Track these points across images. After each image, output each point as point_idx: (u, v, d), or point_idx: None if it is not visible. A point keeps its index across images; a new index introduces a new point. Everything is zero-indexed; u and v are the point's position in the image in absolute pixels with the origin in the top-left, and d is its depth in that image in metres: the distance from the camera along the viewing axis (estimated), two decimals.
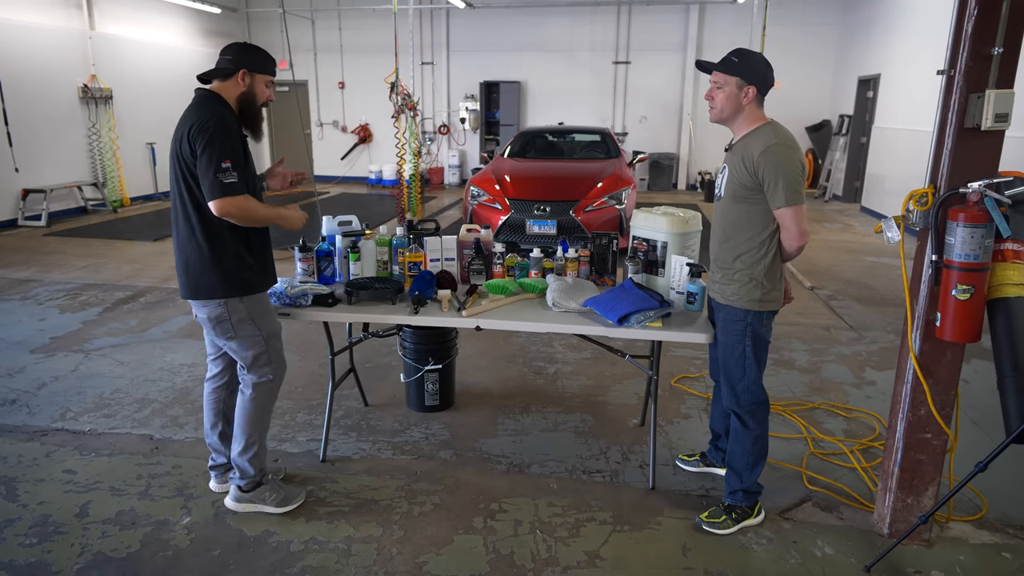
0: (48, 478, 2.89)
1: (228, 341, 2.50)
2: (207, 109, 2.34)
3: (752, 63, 2.34)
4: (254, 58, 2.46)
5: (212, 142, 2.26)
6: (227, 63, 2.42)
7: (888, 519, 2.54)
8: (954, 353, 2.35)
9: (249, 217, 2.38)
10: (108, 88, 9.74)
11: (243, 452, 2.59)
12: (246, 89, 2.45)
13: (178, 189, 2.37)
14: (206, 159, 2.26)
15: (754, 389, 2.52)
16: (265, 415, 2.63)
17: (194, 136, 2.27)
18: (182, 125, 2.33)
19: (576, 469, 3.01)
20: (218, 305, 2.43)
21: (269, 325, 2.56)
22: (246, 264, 2.46)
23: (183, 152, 2.31)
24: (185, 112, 2.38)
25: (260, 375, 2.56)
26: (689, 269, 2.80)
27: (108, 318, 5.01)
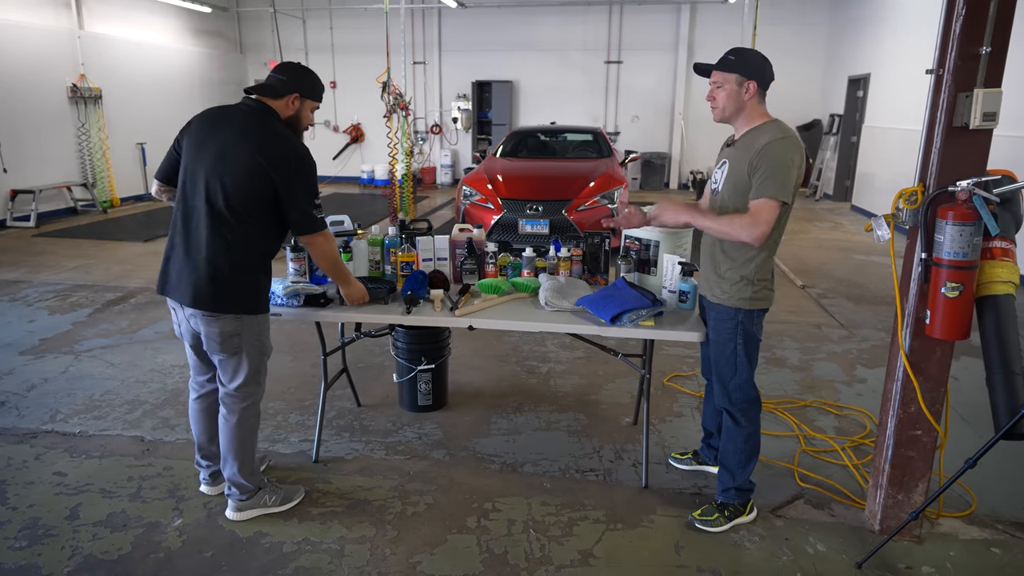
0: (38, 480, 2.87)
1: (231, 356, 2.43)
2: (281, 133, 2.34)
3: (749, 59, 2.35)
4: (308, 84, 2.45)
5: (310, 174, 2.33)
6: (280, 83, 2.39)
7: (879, 515, 2.56)
8: (943, 350, 2.37)
9: (329, 256, 2.50)
10: (97, 88, 9.68)
11: (241, 471, 2.56)
12: (293, 113, 2.43)
13: (216, 199, 2.29)
14: (302, 191, 2.32)
15: (746, 387, 2.53)
16: (254, 434, 2.60)
17: (287, 169, 2.28)
18: (268, 144, 2.28)
19: (569, 468, 3.01)
20: (235, 320, 2.39)
21: (269, 344, 2.56)
22: (266, 282, 2.48)
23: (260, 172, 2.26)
24: (252, 122, 2.32)
25: (246, 396, 2.50)
26: (681, 268, 2.81)
27: (98, 319, 4.97)
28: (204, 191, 2.31)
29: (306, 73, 2.47)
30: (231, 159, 2.28)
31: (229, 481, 2.58)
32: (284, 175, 2.29)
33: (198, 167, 2.33)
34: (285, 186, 2.30)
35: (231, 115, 2.37)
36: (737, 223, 2.32)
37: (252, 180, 2.28)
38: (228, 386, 2.50)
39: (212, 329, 2.39)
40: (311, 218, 2.39)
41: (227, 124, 2.34)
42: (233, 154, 2.28)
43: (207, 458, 2.74)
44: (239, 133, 2.30)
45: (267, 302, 2.50)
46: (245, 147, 2.27)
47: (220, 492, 2.74)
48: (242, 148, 2.28)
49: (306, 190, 2.35)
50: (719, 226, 2.39)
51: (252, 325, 2.43)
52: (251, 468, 2.59)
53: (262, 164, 2.26)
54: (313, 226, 2.41)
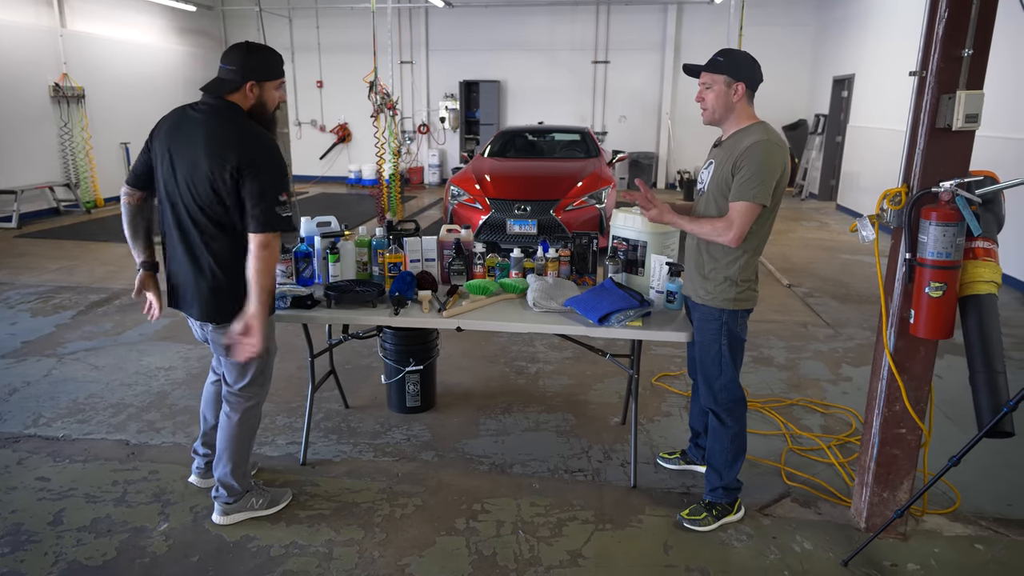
0: (20, 486, 2.83)
1: (237, 359, 2.39)
2: (250, 131, 2.22)
3: (738, 60, 2.36)
4: (260, 64, 2.30)
5: (273, 171, 2.20)
6: (231, 74, 2.27)
7: (865, 513, 2.58)
8: (927, 349, 2.39)
9: (268, 268, 2.23)
10: (80, 87, 9.56)
11: (233, 473, 2.53)
12: (256, 101, 2.31)
13: (197, 213, 2.23)
14: (264, 187, 2.18)
15: (731, 387, 2.54)
16: (253, 436, 2.59)
17: (251, 166, 2.16)
18: (220, 145, 2.18)
19: (558, 469, 3.01)
20: None
21: (274, 344, 2.53)
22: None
23: (224, 176, 2.17)
24: (209, 126, 2.22)
25: (250, 396, 2.49)
26: (669, 268, 2.82)
27: (82, 321, 4.92)
28: (184, 206, 2.26)
29: (255, 54, 2.29)
30: (200, 171, 2.20)
31: (219, 482, 2.55)
32: (248, 172, 2.17)
33: (172, 183, 2.27)
34: (249, 181, 2.18)
35: (194, 121, 2.26)
36: (715, 226, 2.35)
37: (223, 187, 2.20)
38: (233, 386, 2.48)
39: (220, 337, 2.36)
40: (274, 215, 2.20)
41: (190, 132, 2.24)
42: (200, 165, 2.20)
43: (207, 445, 2.72)
44: (202, 141, 2.21)
45: (272, 305, 2.44)
46: (209, 156, 2.18)
47: (208, 487, 2.71)
48: (207, 158, 2.19)
49: (270, 185, 2.20)
50: (699, 228, 2.41)
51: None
52: (244, 471, 2.56)
53: (228, 169, 2.17)
54: (269, 223, 2.19)
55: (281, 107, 2.45)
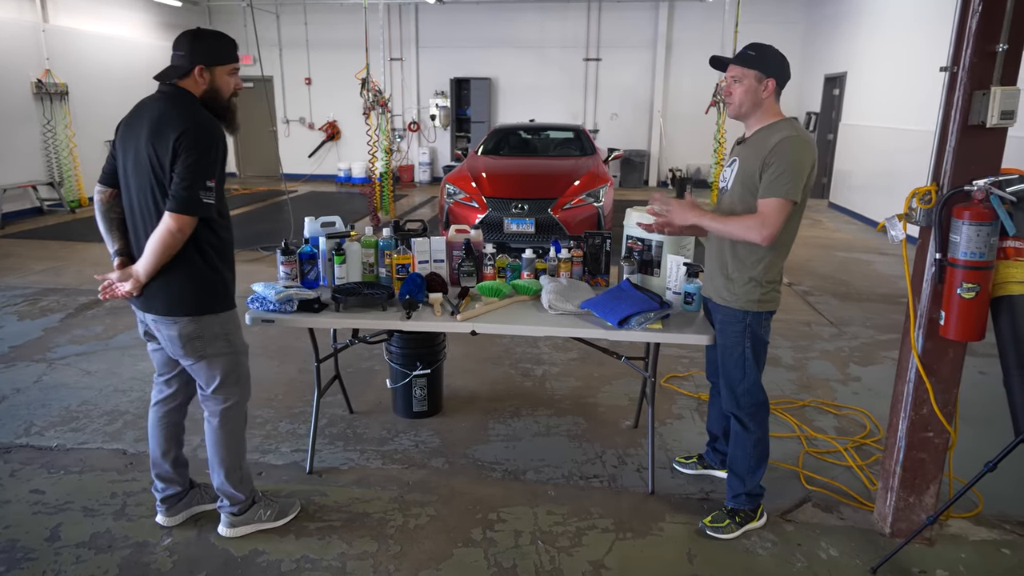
0: (14, 499, 2.70)
1: (197, 361, 2.29)
2: (191, 113, 2.11)
3: (769, 56, 2.29)
4: (208, 49, 2.20)
5: (204, 156, 2.07)
6: (180, 60, 2.18)
7: (890, 518, 2.53)
8: (956, 351, 2.34)
9: (171, 246, 2.12)
10: (63, 83, 9.33)
11: (228, 479, 2.42)
12: (207, 86, 2.21)
13: (153, 197, 2.14)
14: (192, 171, 2.06)
15: (754, 391, 2.48)
16: (240, 438, 2.45)
17: (185, 142, 2.05)
18: (162, 128, 2.09)
19: (573, 474, 2.94)
20: (192, 322, 2.23)
21: (240, 342, 2.39)
22: (221, 277, 2.29)
23: (161, 157, 2.08)
24: (158, 112, 2.13)
25: (226, 398, 2.36)
26: (687, 269, 2.75)
27: (71, 325, 4.77)
28: (132, 193, 2.20)
29: (203, 37, 2.20)
30: (142, 158, 2.13)
31: (218, 491, 2.45)
32: (182, 150, 2.06)
33: (125, 171, 2.21)
34: (181, 159, 2.06)
35: (145, 108, 2.19)
36: (746, 224, 2.27)
37: (163, 173, 2.10)
38: (206, 390, 2.37)
39: (170, 333, 2.25)
40: (190, 196, 2.06)
41: (139, 120, 2.17)
42: (142, 152, 2.12)
43: (160, 477, 2.51)
44: (146, 127, 2.12)
45: (226, 299, 2.31)
46: (151, 141, 2.10)
47: (176, 523, 2.55)
48: (148, 144, 2.10)
49: (198, 167, 2.07)
50: (727, 227, 2.33)
51: (212, 325, 2.27)
52: (240, 475, 2.45)
53: (168, 151, 2.07)
54: (186, 204, 2.06)
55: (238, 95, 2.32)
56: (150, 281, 2.20)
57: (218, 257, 2.26)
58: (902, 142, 8.35)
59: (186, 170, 2.06)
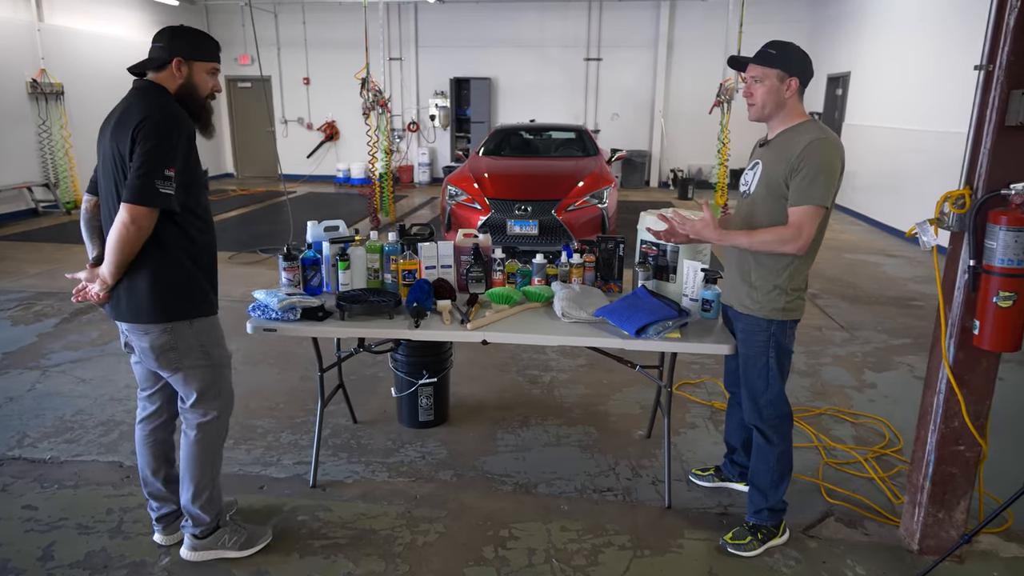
0: (5, 516, 2.59)
1: (173, 373, 2.18)
2: (156, 103, 2.02)
3: (791, 54, 2.19)
4: (189, 43, 2.11)
5: (163, 142, 1.95)
6: (159, 51, 2.09)
7: (918, 535, 2.44)
8: (990, 362, 2.25)
9: (130, 242, 1.98)
10: (59, 83, 9.21)
11: (195, 498, 2.28)
12: (184, 81, 2.11)
13: (117, 195, 2.02)
14: (148, 158, 1.93)
15: (778, 402, 2.39)
16: (215, 455, 2.32)
17: (144, 131, 1.94)
18: (125, 120, 1.99)
19: (586, 488, 2.84)
20: (164, 332, 2.11)
21: (220, 353, 2.26)
22: (196, 282, 2.16)
23: (122, 149, 1.98)
24: (125, 106, 2.04)
25: (205, 412, 2.24)
26: (704, 275, 2.65)
27: (66, 330, 4.66)
28: (103, 196, 2.11)
29: (185, 32, 2.13)
30: (107, 151, 2.04)
31: (183, 509, 2.31)
32: (140, 137, 1.95)
33: (98, 175, 2.13)
34: (138, 147, 1.95)
35: (117, 107, 2.09)
36: (779, 236, 2.16)
37: (122, 160, 1.99)
38: (185, 403, 2.25)
39: (143, 344, 2.14)
40: (145, 185, 1.93)
41: (110, 118, 2.07)
42: (107, 144, 2.03)
43: (153, 496, 2.40)
44: (126, 116, 2.01)
45: (203, 305, 2.19)
46: (116, 136, 2.00)
47: (175, 542, 2.42)
48: (113, 138, 2.01)
49: (155, 156, 1.94)
50: (758, 242, 2.22)
51: (185, 336, 2.14)
52: (208, 496, 2.30)
53: (124, 137, 1.96)
54: (141, 194, 1.93)
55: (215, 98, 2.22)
56: (117, 284, 2.08)
57: (191, 260, 2.13)
58: (906, 142, 8.27)
59: (142, 156, 1.94)
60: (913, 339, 4.70)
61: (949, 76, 7.42)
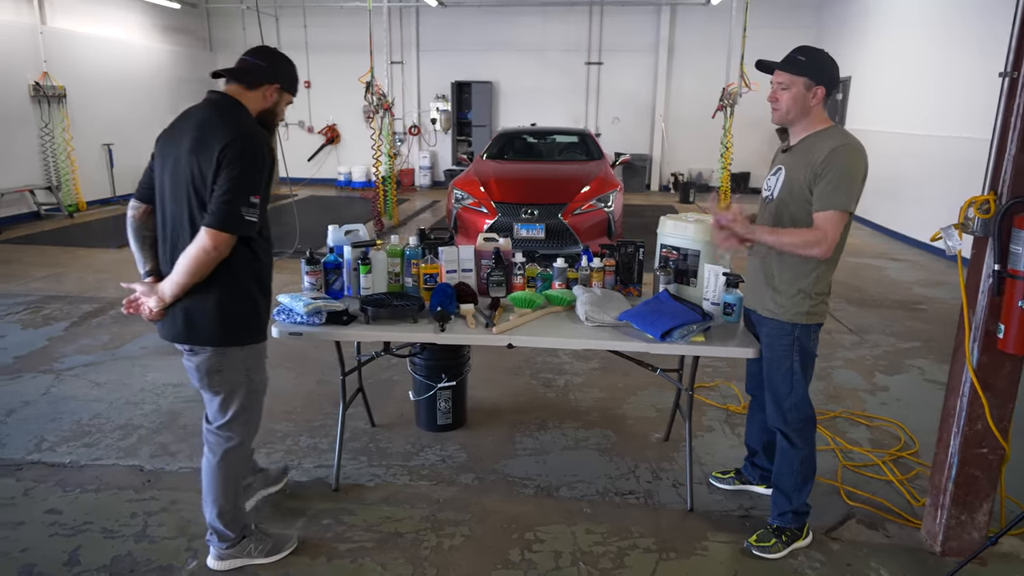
0: (29, 520, 2.59)
1: (214, 395, 2.18)
2: (240, 122, 2.01)
3: (820, 62, 2.21)
4: (290, 76, 2.16)
5: (249, 168, 1.95)
6: (258, 70, 2.08)
7: (940, 537, 2.46)
8: (1013, 365, 2.27)
9: (205, 265, 1.98)
10: (61, 86, 9.19)
11: (220, 517, 2.27)
12: (269, 106, 2.13)
13: (189, 213, 2.01)
14: (235, 184, 1.93)
15: (802, 405, 2.41)
16: (239, 479, 2.32)
17: (230, 153, 1.93)
18: (207, 137, 1.96)
19: (607, 491, 2.85)
20: (216, 354, 2.11)
21: (261, 379, 2.27)
22: (258, 309, 2.16)
23: (203, 168, 1.95)
24: (202, 118, 2.02)
25: (230, 437, 2.23)
26: (726, 279, 2.67)
27: (77, 334, 4.65)
28: (166, 208, 2.07)
29: (287, 61, 2.16)
30: (182, 167, 1.99)
31: (209, 525, 2.31)
32: (226, 160, 1.94)
33: (162, 184, 2.08)
34: (224, 171, 1.94)
35: (190, 118, 2.06)
36: (804, 239, 2.18)
37: (202, 180, 1.96)
38: (213, 424, 2.24)
39: (191, 364, 2.15)
40: (235, 214, 1.94)
41: (184, 129, 2.04)
42: (182, 161, 1.99)
43: None
44: (190, 134, 2.00)
45: (257, 331, 2.19)
46: (194, 150, 1.97)
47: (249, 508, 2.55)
48: (190, 152, 1.98)
49: (243, 180, 1.95)
50: (784, 242, 2.23)
51: (235, 359, 2.15)
52: (233, 515, 2.30)
53: (212, 160, 1.94)
54: (226, 221, 1.93)
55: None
56: (175, 303, 2.07)
57: (255, 282, 2.14)
58: (907, 147, 8.32)
59: (229, 183, 1.93)
60: (922, 342, 4.73)
61: (950, 81, 7.48)
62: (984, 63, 6.69)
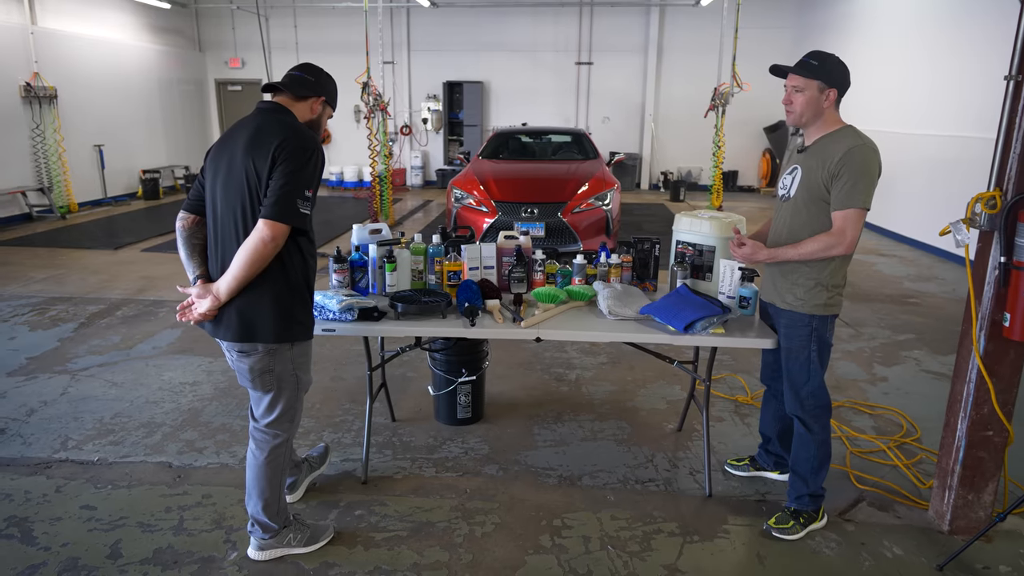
0: (65, 516, 2.64)
1: (264, 394, 2.25)
2: (293, 125, 2.11)
3: (832, 66, 2.33)
4: (333, 91, 2.29)
5: (305, 164, 2.04)
6: (307, 84, 2.19)
7: (948, 516, 2.58)
8: (1017, 352, 2.40)
9: (264, 257, 2.04)
10: (52, 87, 9.13)
11: (265, 510, 2.34)
12: (314, 118, 2.24)
13: (242, 213, 2.08)
14: (291, 178, 2.01)
15: (819, 393, 2.52)
16: (284, 473, 2.39)
17: (286, 152, 2.01)
18: (261, 139, 2.05)
19: (628, 479, 2.95)
20: (268, 353, 2.17)
21: (306, 380, 2.35)
22: (308, 306, 2.25)
23: (258, 166, 2.03)
24: (257, 124, 2.10)
25: (277, 434, 2.30)
26: (742, 273, 2.78)
27: (86, 334, 4.66)
28: (218, 214, 2.14)
29: (330, 78, 2.29)
30: (236, 169, 2.07)
31: (252, 518, 2.38)
32: (282, 156, 2.01)
33: (214, 192, 2.16)
34: (280, 165, 2.01)
35: (243, 126, 2.16)
36: (826, 243, 2.30)
37: (257, 177, 2.04)
38: (260, 422, 2.31)
39: (242, 365, 2.21)
40: (292, 207, 2.01)
41: (237, 136, 2.13)
42: (237, 161, 2.07)
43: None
44: (245, 137, 2.09)
45: (307, 328, 2.27)
46: (249, 150, 2.06)
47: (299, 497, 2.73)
48: (245, 152, 2.06)
49: (299, 176, 2.02)
50: (806, 253, 2.34)
51: (285, 359, 2.22)
52: (276, 507, 2.37)
53: (267, 158, 2.01)
54: (284, 213, 2.00)
55: None
56: (229, 304, 2.13)
57: (304, 281, 2.21)
58: (892, 145, 8.50)
59: (285, 176, 2.01)
60: (916, 334, 4.89)
61: (936, 81, 7.69)
62: (972, 63, 6.89)
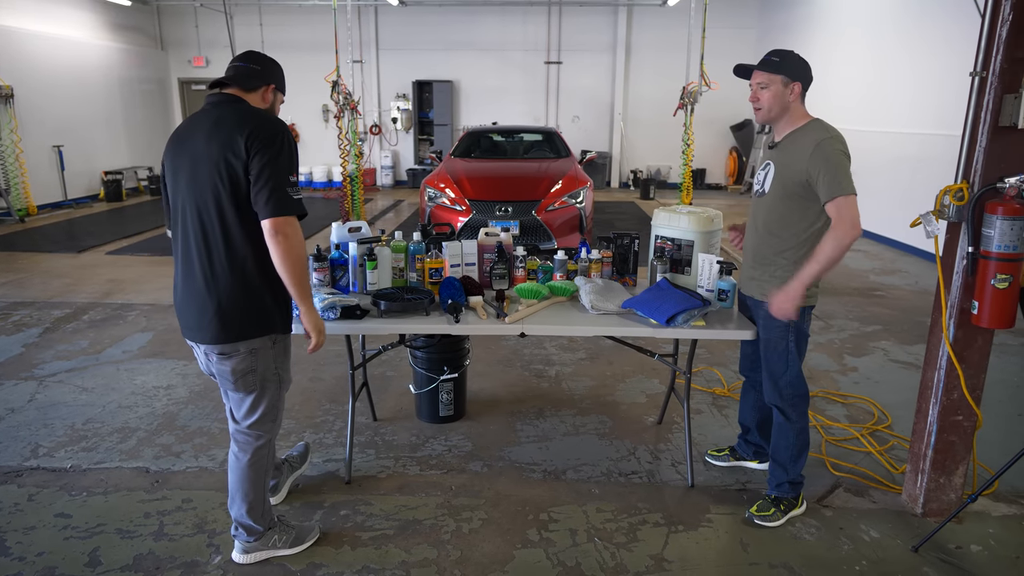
0: (39, 524, 2.56)
1: (247, 395, 2.21)
2: (254, 112, 2.06)
3: (793, 61, 2.39)
4: (281, 76, 2.24)
5: (282, 150, 1.99)
6: (254, 73, 2.14)
7: (921, 499, 2.67)
8: (984, 339, 2.49)
9: (299, 256, 2.03)
10: (8, 86, 8.84)
11: (249, 512, 2.31)
12: (267, 107, 2.19)
13: (218, 209, 2.02)
14: (275, 168, 1.97)
15: (796, 383, 2.58)
16: (267, 474, 2.36)
17: (258, 142, 1.96)
18: (224, 128, 2.00)
19: (611, 472, 2.98)
20: (248, 355, 2.14)
21: (288, 374, 2.32)
22: (286, 297, 2.19)
23: (231, 164, 1.98)
24: (217, 116, 2.04)
25: (259, 435, 2.27)
26: (720, 267, 2.83)
27: (52, 339, 4.53)
28: (186, 212, 2.08)
29: (276, 63, 2.22)
30: (202, 167, 2.02)
31: (236, 521, 2.35)
32: (257, 148, 1.97)
33: (177, 191, 2.10)
34: (258, 158, 1.97)
35: (197, 121, 2.11)
36: (835, 240, 2.28)
37: (227, 174, 1.99)
38: (242, 423, 2.27)
39: (224, 367, 2.16)
40: (285, 197, 1.98)
41: (194, 131, 2.08)
42: (202, 156, 2.01)
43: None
44: (206, 130, 2.02)
45: (286, 322, 2.23)
46: (214, 141, 2.00)
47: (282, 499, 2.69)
48: (209, 143, 2.00)
49: (280, 164, 1.98)
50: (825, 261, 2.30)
51: (267, 357, 2.19)
52: (261, 510, 2.35)
53: (237, 148, 1.97)
54: (285, 206, 1.98)
55: None
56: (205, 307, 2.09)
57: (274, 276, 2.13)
58: (853, 143, 8.73)
59: (268, 167, 1.97)
60: (883, 326, 5.03)
61: (896, 80, 7.91)
62: (930, 63, 7.11)
